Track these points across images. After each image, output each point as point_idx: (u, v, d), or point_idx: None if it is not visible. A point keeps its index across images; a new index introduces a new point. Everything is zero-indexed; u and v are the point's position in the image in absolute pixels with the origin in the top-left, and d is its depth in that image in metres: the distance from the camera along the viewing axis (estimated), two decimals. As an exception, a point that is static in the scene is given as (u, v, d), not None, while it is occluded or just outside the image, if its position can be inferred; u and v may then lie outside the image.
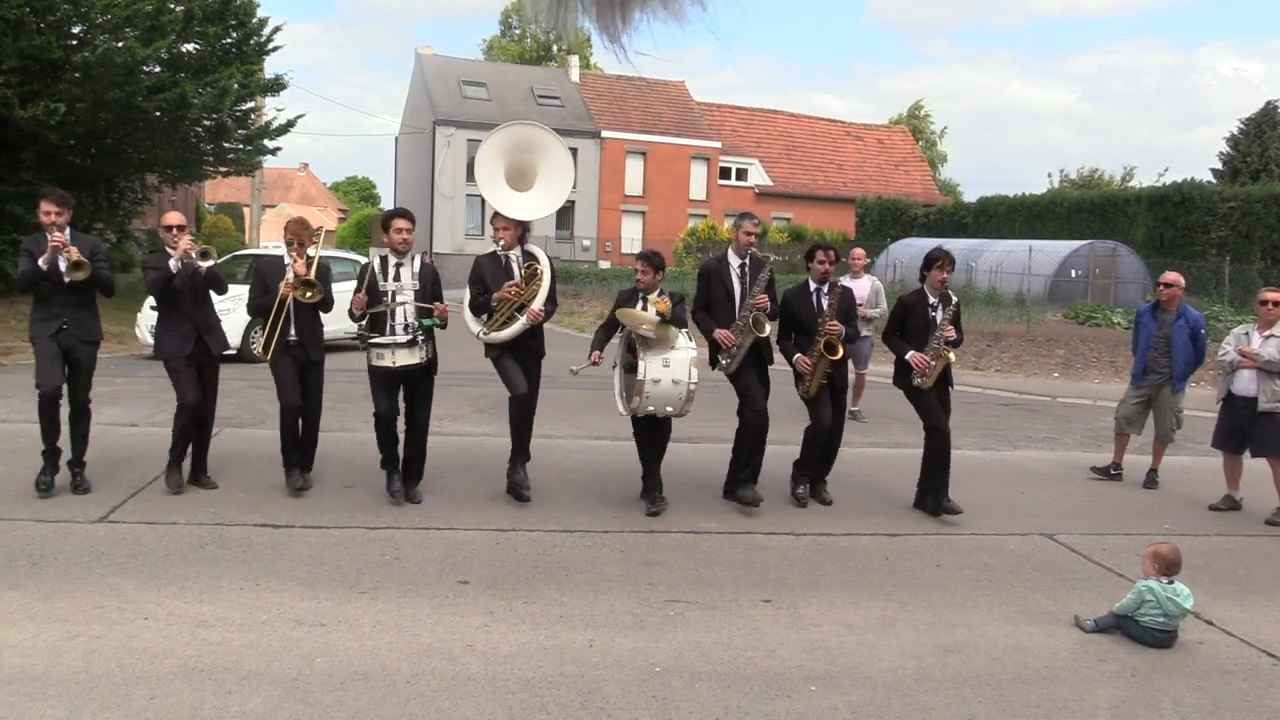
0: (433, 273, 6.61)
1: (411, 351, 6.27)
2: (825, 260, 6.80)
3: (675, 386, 6.22)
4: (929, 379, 6.71)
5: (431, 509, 6.40)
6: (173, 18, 17.74)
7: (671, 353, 6.24)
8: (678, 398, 6.24)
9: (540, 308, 6.45)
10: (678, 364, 6.22)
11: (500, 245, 6.56)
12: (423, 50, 44.81)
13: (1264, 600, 5.51)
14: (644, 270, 6.54)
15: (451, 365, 6.88)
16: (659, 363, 6.21)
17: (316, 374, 6.68)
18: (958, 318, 6.92)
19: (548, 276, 6.51)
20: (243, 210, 49.70)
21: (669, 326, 6.30)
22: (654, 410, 6.30)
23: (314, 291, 6.43)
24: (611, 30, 1.95)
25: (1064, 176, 56.24)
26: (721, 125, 48.28)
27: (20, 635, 4.16)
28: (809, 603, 5.07)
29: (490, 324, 6.49)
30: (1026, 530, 6.71)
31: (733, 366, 6.63)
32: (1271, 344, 7.14)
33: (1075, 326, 21.39)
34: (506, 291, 6.41)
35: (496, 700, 3.81)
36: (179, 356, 6.43)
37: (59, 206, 6.13)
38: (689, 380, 6.22)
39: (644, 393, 6.19)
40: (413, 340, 6.27)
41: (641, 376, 6.18)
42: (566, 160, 7.09)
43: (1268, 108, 41.08)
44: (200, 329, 6.47)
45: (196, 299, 6.49)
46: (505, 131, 7.10)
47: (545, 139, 7.07)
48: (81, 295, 6.27)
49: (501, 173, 6.88)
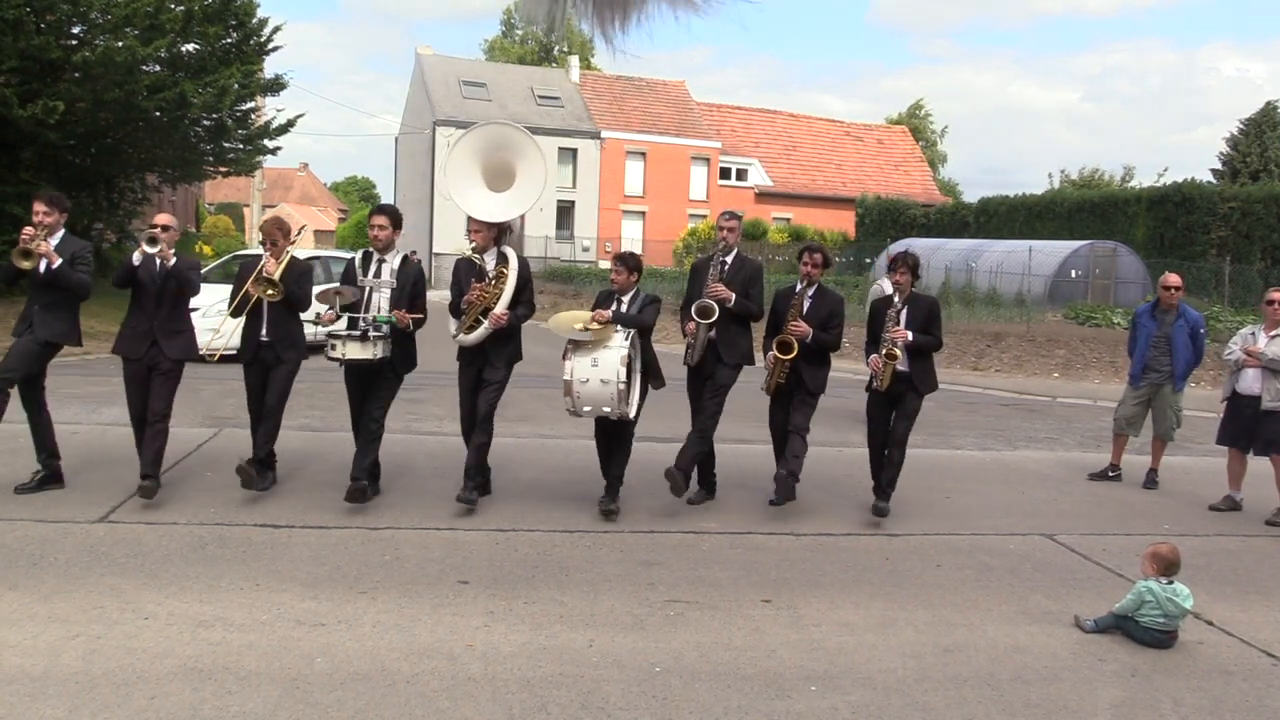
0: (416, 271, 6.57)
1: (363, 346, 6.16)
2: (809, 263, 6.68)
3: (604, 386, 6.09)
4: (883, 381, 6.56)
5: (431, 509, 6.40)
6: (172, 17, 17.74)
7: (602, 352, 6.15)
8: (609, 396, 6.10)
9: (503, 311, 6.31)
10: (606, 363, 6.11)
11: (473, 247, 6.54)
12: (423, 50, 44.80)
13: (1264, 600, 5.51)
14: (618, 272, 6.50)
15: (447, 366, 6.86)
16: (587, 362, 6.13)
17: (283, 370, 6.49)
18: (934, 319, 6.65)
19: (511, 279, 6.39)
20: (243, 210, 49.71)
21: (608, 327, 6.23)
22: (591, 411, 6.22)
23: (275, 290, 6.28)
24: (608, 30, 1.96)
25: (1064, 177, 56.22)
26: (721, 125, 48.28)
27: (20, 635, 4.16)
28: (809, 603, 5.07)
29: (460, 326, 6.47)
30: (1026, 530, 6.71)
31: (693, 358, 6.60)
32: (1277, 343, 7.15)
33: (1075, 326, 21.37)
34: (471, 294, 6.38)
35: (496, 700, 3.81)
36: (131, 357, 6.29)
37: (47, 207, 6.13)
38: (617, 379, 6.06)
39: (574, 392, 6.14)
40: (364, 335, 6.18)
41: (568, 377, 6.14)
42: (539, 160, 7.04)
43: (1267, 108, 41.08)
44: (158, 332, 6.25)
45: (162, 299, 6.28)
46: (477, 133, 7.08)
47: (518, 138, 7.06)
48: (52, 296, 6.19)
49: (474, 174, 6.85)
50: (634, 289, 6.52)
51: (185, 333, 6.42)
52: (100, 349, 14.12)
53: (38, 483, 6.32)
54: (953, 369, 16.32)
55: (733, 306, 6.53)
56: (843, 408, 10.55)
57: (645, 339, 6.49)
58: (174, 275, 6.26)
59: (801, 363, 6.56)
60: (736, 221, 6.78)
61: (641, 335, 6.43)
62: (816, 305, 6.63)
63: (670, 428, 8.13)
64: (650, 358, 6.46)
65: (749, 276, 6.71)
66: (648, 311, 6.48)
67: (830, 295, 6.76)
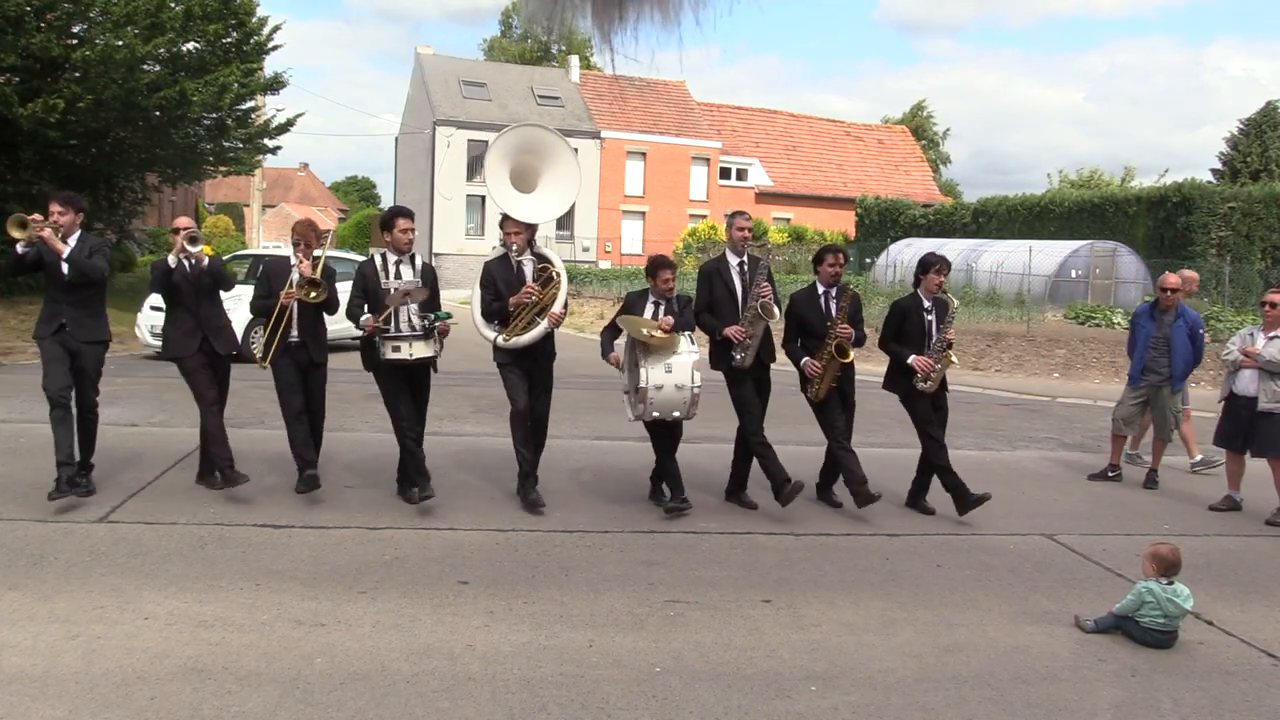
0: (433, 272, 6.61)
1: (428, 344, 6.25)
2: (834, 263, 6.74)
3: (679, 391, 6.22)
4: (933, 383, 6.70)
5: (431, 509, 6.40)
6: (172, 15, 17.75)
7: (674, 358, 6.25)
8: (682, 402, 6.25)
9: (561, 310, 6.43)
10: (680, 369, 6.23)
11: (514, 250, 6.51)
12: (423, 50, 44.79)
13: (1264, 600, 5.51)
14: (666, 280, 6.48)
15: (450, 365, 6.86)
16: (661, 369, 6.23)
17: (319, 375, 6.61)
18: (951, 319, 6.86)
19: (564, 280, 6.51)
20: (243, 210, 49.70)
21: (674, 335, 6.31)
22: (660, 415, 6.30)
23: (319, 291, 6.33)
24: (607, 32, 1.96)
25: (1063, 177, 56.23)
26: (721, 125, 48.28)
27: (20, 635, 4.16)
28: (809, 603, 5.07)
29: (510, 329, 6.43)
30: (1026, 530, 6.71)
31: (748, 359, 6.59)
32: (1275, 345, 7.15)
33: (1075, 326, 21.36)
34: (525, 296, 6.39)
35: (496, 700, 3.81)
36: (186, 355, 6.37)
37: (62, 206, 6.15)
38: (692, 385, 6.23)
39: (648, 399, 6.21)
40: (428, 333, 6.23)
41: (644, 384, 6.19)
42: (573, 162, 7.07)
43: (1268, 108, 41.09)
44: (205, 329, 6.39)
45: (200, 297, 6.40)
46: (513, 134, 7.07)
47: (552, 141, 7.06)
48: (80, 294, 6.17)
49: (508, 175, 6.85)
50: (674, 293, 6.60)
51: (227, 327, 6.60)
52: (100, 349, 14.14)
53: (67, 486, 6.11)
54: (952, 369, 16.33)
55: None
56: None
57: None
58: (209, 272, 6.40)
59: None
60: (751, 221, 6.92)
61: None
62: (849, 306, 6.69)
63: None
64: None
65: (769, 276, 6.73)
66: (687, 313, 6.58)
67: (852, 294, 6.79)
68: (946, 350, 6.75)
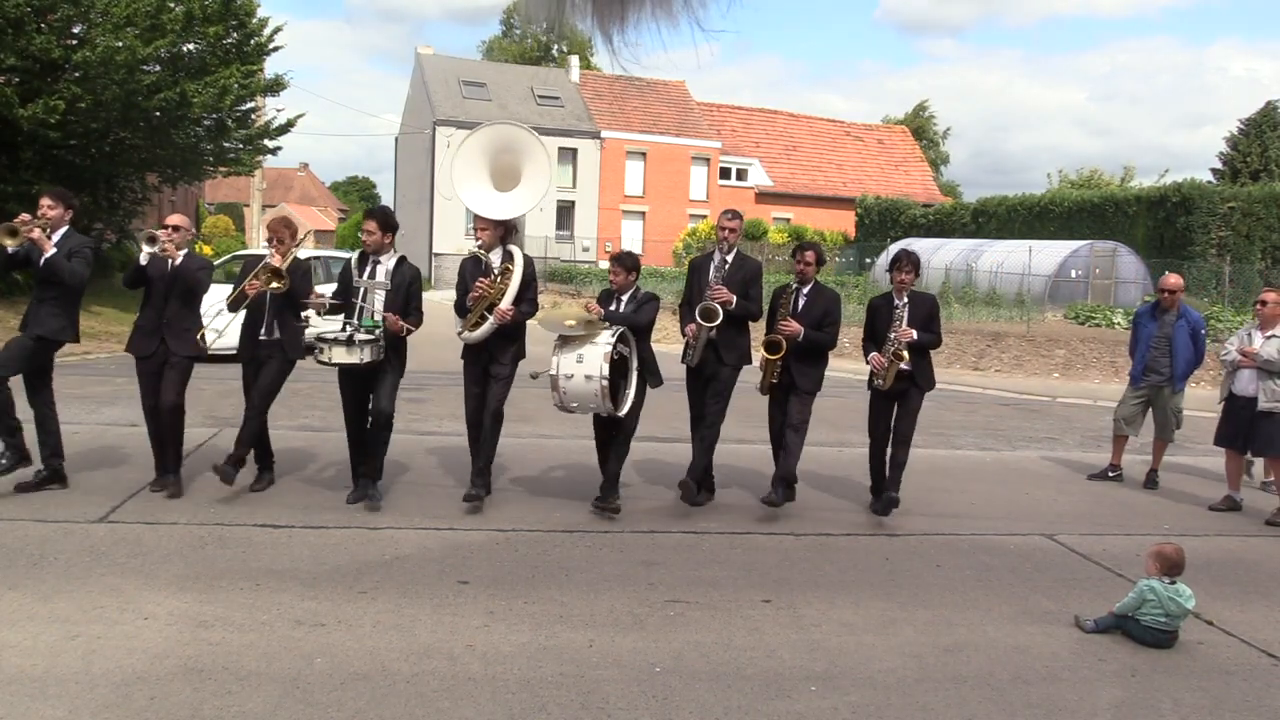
0: (412, 272, 6.55)
1: (349, 351, 6.13)
2: (802, 261, 6.70)
3: (588, 382, 6.09)
4: (886, 380, 6.58)
5: (431, 509, 6.40)
6: (173, 17, 17.75)
7: (587, 348, 6.15)
8: (593, 393, 6.10)
9: (508, 307, 6.32)
10: (590, 359, 6.10)
11: (479, 245, 6.55)
12: (423, 50, 44.79)
13: (1264, 600, 5.51)
14: (615, 272, 6.52)
15: (448, 365, 6.86)
16: (572, 358, 6.14)
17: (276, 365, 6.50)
18: (934, 317, 6.70)
19: (517, 276, 6.40)
20: (243, 210, 49.68)
21: (597, 324, 6.24)
22: (579, 407, 6.23)
23: (281, 282, 6.27)
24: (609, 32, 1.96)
25: (1063, 177, 56.20)
26: (721, 125, 48.27)
27: (20, 635, 4.16)
28: (809, 603, 5.07)
29: (465, 323, 6.47)
30: (1026, 530, 6.71)
31: (693, 359, 6.59)
32: (1272, 344, 7.14)
33: (1075, 326, 21.37)
34: (475, 290, 6.38)
35: (496, 700, 3.81)
36: (140, 356, 6.41)
37: (52, 201, 6.20)
38: (600, 374, 6.04)
39: (559, 388, 6.17)
40: (350, 340, 6.14)
41: (553, 371, 6.16)
42: (544, 158, 7.07)
43: (1268, 108, 41.11)
44: (166, 330, 6.34)
45: (171, 297, 6.35)
46: (483, 132, 7.11)
47: (523, 138, 7.08)
48: (51, 291, 6.18)
49: (480, 173, 6.89)
50: (632, 288, 6.52)
51: (193, 330, 6.48)
52: (101, 349, 14.15)
53: (39, 481, 6.32)
54: (952, 369, 16.33)
55: (734, 309, 6.52)
56: (842, 407, 10.56)
57: (645, 337, 6.49)
58: (180, 274, 6.35)
59: (793, 362, 6.55)
60: (738, 221, 6.74)
61: (642, 333, 6.44)
62: (811, 304, 6.61)
63: (670, 428, 8.13)
64: (648, 356, 6.46)
65: (749, 276, 6.69)
66: (646, 309, 6.47)
67: (826, 294, 6.74)
68: (902, 349, 6.49)
